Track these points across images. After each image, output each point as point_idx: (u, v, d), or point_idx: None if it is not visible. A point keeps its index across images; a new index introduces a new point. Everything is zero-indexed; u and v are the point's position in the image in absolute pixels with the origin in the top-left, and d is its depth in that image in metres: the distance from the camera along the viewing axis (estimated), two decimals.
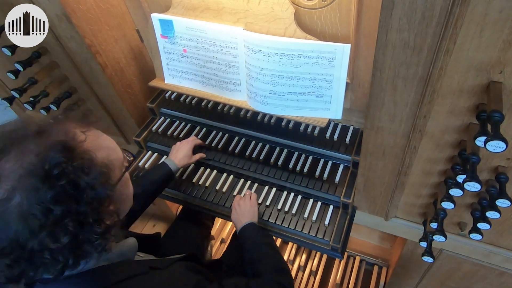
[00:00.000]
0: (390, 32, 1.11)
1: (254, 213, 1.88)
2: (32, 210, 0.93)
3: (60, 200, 0.96)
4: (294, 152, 2.08)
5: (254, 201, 1.93)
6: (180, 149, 2.06)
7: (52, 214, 0.94)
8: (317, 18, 1.61)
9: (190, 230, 2.21)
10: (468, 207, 1.55)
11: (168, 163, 1.97)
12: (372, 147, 1.52)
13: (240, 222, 1.84)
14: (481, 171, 1.37)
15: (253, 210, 1.89)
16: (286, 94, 1.80)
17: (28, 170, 0.95)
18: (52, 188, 0.95)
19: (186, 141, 2.10)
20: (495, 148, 1.02)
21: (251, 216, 1.85)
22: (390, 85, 1.24)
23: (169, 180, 1.98)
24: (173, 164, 1.97)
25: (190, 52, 1.95)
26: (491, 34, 1.00)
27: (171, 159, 2.00)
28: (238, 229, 1.83)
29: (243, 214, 1.86)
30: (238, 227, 1.84)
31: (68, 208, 0.97)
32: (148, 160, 2.26)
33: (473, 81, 1.12)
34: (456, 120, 1.25)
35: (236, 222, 1.87)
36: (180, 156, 2.02)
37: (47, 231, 0.94)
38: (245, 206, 1.89)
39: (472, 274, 2.03)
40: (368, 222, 1.99)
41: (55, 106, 2.10)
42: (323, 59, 1.66)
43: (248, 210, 1.87)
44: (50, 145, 1.00)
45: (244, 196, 1.96)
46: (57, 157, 0.97)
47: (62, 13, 1.73)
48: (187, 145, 2.08)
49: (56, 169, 0.96)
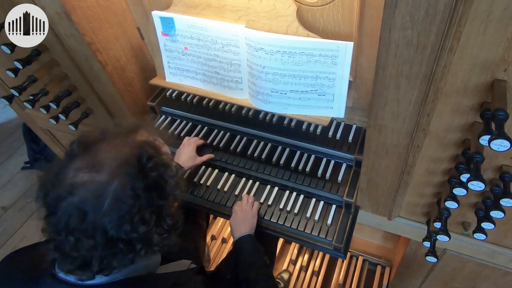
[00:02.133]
0: (393, 30, 1.10)
1: (254, 224, 1.87)
2: (125, 197, 1.06)
3: (149, 189, 1.11)
4: (296, 151, 2.07)
5: (256, 211, 1.91)
6: (183, 152, 2.05)
7: (139, 201, 1.08)
8: (320, 15, 1.60)
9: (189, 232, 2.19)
10: (472, 206, 1.54)
11: None
12: (375, 146, 1.51)
13: (239, 229, 1.83)
14: (485, 170, 1.37)
15: (253, 221, 1.87)
16: (288, 93, 1.79)
17: (126, 160, 1.10)
18: (146, 177, 1.11)
19: (188, 143, 2.09)
20: (499, 147, 1.02)
21: (250, 227, 1.84)
22: (393, 84, 1.23)
23: None
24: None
25: (191, 50, 1.94)
26: (495, 32, 0.99)
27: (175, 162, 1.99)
28: (236, 237, 1.81)
29: (243, 222, 1.84)
30: (236, 234, 1.83)
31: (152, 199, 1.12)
32: None
33: (477, 79, 1.11)
34: (460, 119, 1.25)
35: (234, 227, 1.85)
36: (183, 159, 2.01)
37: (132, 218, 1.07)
38: (247, 214, 1.87)
39: (476, 274, 2.02)
40: (371, 222, 1.98)
41: (54, 105, 2.08)
42: (325, 57, 1.65)
43: (249, 220, 1.86)
44: (141, 142, 1.19)
45: (248, 203, 1.93)
46: (150, 152, 1.15)
47: (62, 10, 1.72)
48: (189, 147, 2.07)
49: (150, 163, 1.13)
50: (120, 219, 1.05)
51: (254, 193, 2.02)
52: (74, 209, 1.03)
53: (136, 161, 1.11)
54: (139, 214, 1.07)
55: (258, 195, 2.02)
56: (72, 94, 2.17)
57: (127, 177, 1.08)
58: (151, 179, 1.11)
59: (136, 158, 1.11)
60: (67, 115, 2.17)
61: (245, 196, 1.97)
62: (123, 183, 1.06)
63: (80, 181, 1.05)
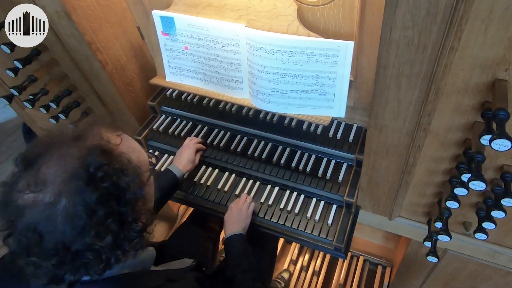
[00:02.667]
0: (394, 30, 1.10)
1: (246, 224, 1.87)
2: (78, 212, 0.97)
3: (104, 201, 1.01)
4: (297, 151, 2.06)
5: (251, 212, 1.91)
6: (183, 154, 2.05)
7: (96, 214, 0.99)
8: (320, 15, 1.60)
9: (196, 234, 2.19)
10: (473, 206, 1.54)
11: (172, 170, 1.97)
12: (375, 146, 1.51)
13: (231, 227, 1.83)
14: (486, 170, 1.37)
15: (247, 222, 1.88)
16: (289, 92, 1.78)
17: (72, 173, 1.00)
18: (97, 190, 1.00)
19: (188, 146, 2.09)
20: (500, 147, 1.02)
21: (243, 227, 1.84)
22: (394, 83, 1.23)
23: (175, 186, 1.98)
24: (177, 170, 1.97)
25: (191, 49, 1.93)
26: (496, 31, 0.99)
27: (175, 165, 2.00)
28: (227, 234, 1.81)
29: (237, 220, 1.85)
30: (227, 232, 1.83)
31: (111, 209, 1.02)
32: None
33: (478, 79, 1.11)
34: (461, 119, 1.24)
35: (227, 224, 1.85)
36: (184, 161, 2.02)
37: (92, 232, 0.99)
38: (242, 213, 1.87)
39: (477, 275, 2.02)
40: (371, 222, 1.98)
41: (54, 104, 2.08)
42: (326, 57, 1.64)
43: (243, 220, 1.86)
44: (89, 149, 1.05)
45: (245, 203, 1.93)
46: (99, 160, 1.03)
47: (62, 10, 1.72)
48: (189, 149, 2.07)
49: (99, 172, 1.01)
50: (79, 235, 0.98)
51: (255, 193, 2.02)
52: (28, 231, 0.97)
53: (84, 172, 1.00)
54: (99, 226, 1.00)
55: (258, 195, 2.02)
56: (72, 93, 2.17)
57: (75, 192, 0.98)
58: (103, 190, 1.01)
59: (84, 169, 1.00)
60: (67, 114, 2.17)
61: (243, 195, 1.98)
62: (72, 200, 0.98)
63: (25, 203, 0.97)
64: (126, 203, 1.06)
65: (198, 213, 2.32)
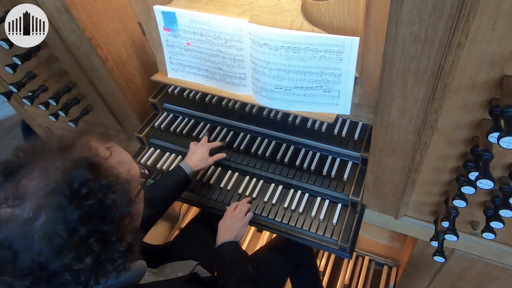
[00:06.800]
0: (400, 25, 1.09)
1: (241, 233, 1.82)
2: (57, 231, 0.92)
3: (87, 219, 0.95)
4: (301, 149, 2.05)
5: (247, 221, 1.86)
6: (196, 151, 2.01)
7: (77, 234, 0.94)
8: (325, 10, 1.57)
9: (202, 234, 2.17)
10: (481, 205, 1.53)
11: (183, 167, 1.92)
12: (381, 144, 1.50)
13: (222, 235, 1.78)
14: (494, 168, 1.36)
15: (241, 231, 1.82)
16: (293, 89, 1.76)
17: (54, 188, 0.94)
18: (79, 208, 0.94)
19: (202, 144, 2.06)
20: (509, 145, 1.02)
21: (235, 235, 1.78)
22: (400, 80, 1.22)
23: (185, 184, 1.93)
24: (188, 167, 1.92)
25: (193, 45, 1.91)
26: (504, 26, 0.99)
27: (187, 162, 1.95)
28: (218, 243, 1.75)
29: (230, 229, 1.80)
30: (218, 240, 1.77)
31: (93, 228, 0.96)
32: (151, 157, 2.23)
33: (485, 76, 1.11)
34: (468, 116, 1.24)
35: (219, 231, 1.81)
36: (196, 159, 1.97)
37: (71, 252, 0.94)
38: (236, 222, 1.82)
39: (484, 275, 2.01)
40: (377, 221, 1.97)
41: (54, 101, 2.08)
42: (331, 53, 1.62)
43: (236, 229, 1.80)
44: (75, 161, 0.99)
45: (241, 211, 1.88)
46: (84, 175, 0.97)
47: (62, 5, 1.70)
48: (203, 148, 2.03)
49: (84, 188, 0.95)
50: (57, 255, 0.92)
51: (258, 191, 2.01)
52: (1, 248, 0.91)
53: (67, 187, 0.94)
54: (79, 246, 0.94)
55: (262, 194, 2.00)
56: (72, 90, 2.17)
57: (56, 209, 0.92)
58: (87, 208, 0.95)
59: (67, 184, 0.94)
60: (67, 111, 2.17)
61: (242, 202, 1.94)
62: (52, 217, 0.92)
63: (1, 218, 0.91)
64: (111, 222, 1.01)
65: (203, 213, 2.31)
